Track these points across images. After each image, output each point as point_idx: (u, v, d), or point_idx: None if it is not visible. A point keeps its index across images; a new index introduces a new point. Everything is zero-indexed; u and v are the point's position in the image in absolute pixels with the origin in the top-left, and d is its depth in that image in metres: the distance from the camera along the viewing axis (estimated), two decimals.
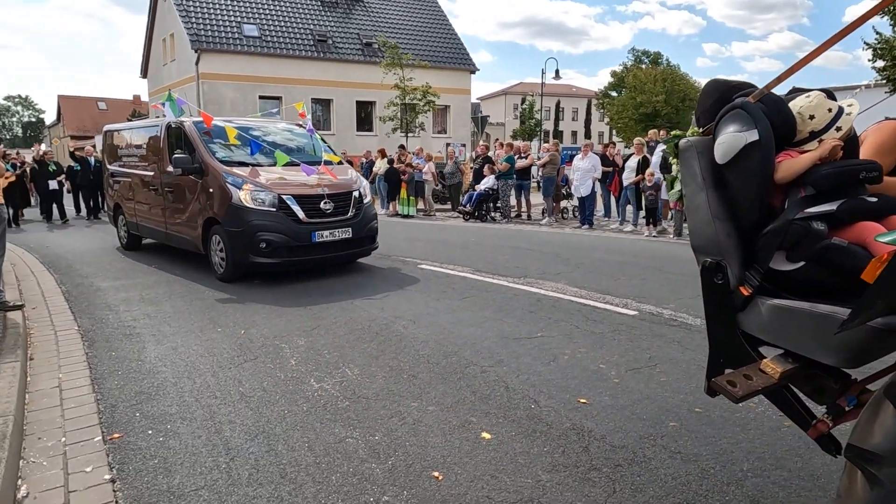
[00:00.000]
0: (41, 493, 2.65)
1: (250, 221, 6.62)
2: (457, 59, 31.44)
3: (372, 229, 7.63)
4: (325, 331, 5.04)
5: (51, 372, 4.14)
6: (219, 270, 7.06)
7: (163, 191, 8.11)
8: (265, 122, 8.86)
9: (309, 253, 6.91)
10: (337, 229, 7.04)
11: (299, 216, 6.78)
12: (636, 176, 11.57)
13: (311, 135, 8.40)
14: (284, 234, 6.67)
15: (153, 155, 8.43)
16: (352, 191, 7.41)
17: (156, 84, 32.25)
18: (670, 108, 44.42)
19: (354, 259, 7.88)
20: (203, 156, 7.25)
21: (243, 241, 6.65)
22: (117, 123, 11.02)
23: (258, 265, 6.74)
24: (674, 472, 2.78)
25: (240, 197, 6.72)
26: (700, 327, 5.06)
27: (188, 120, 7.86)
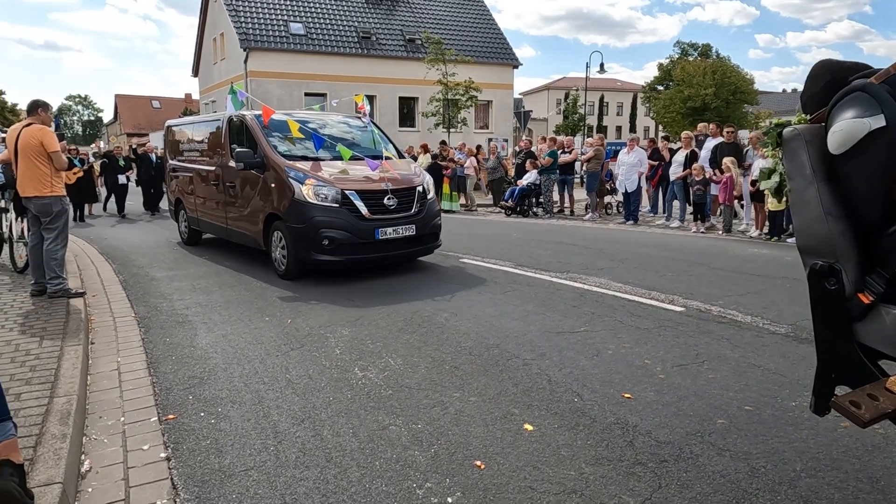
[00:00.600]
0: (103, 468, 2.79)
1: (313, 217, 6.43)
2: (499, 54, 31.25)
3: (435, 226, 7.33)
4: (368, 322, 5.12)
5: (110, 356, 4.35)
6: (280, 268, 6.87)
7: (223, 186, 7.99)
8: (321, 115, 8.53)
9: (372, 251, 6.68)
10: (400, 226, 6.77)
11: (362, 212, 6.55)
12: (683, 170, 11.28)
13: (370, 128, 8.13)
14: (347, 230, 6.46)
15: (214, 149, 8.37)
16: (415, 186, 7.11)
17: (206, 82, 33.25)
18: (720, 102, 43.01)
19: (417, 257, 7.59)
20: (265, 150, 7.08)
21: (306, 238, 6.45)
22: (179, 118, 11.16)
23: (320, 263, 6.54)
24: (722, 470, 2.71)
25: (302, 192, 6.53)
26: (750, 325, 4.92)
27: (250, 113, 7.71)
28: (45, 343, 4.21)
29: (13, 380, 3.49)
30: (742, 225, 11.03)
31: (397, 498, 2.52)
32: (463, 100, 23.12)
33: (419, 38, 27.75)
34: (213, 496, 2.55)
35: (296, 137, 7.18)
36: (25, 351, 4.04)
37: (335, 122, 8.21)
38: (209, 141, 8.59)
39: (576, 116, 40.33)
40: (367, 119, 8.28)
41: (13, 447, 2.28)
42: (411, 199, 6.98)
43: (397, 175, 7.09)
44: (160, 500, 2.53)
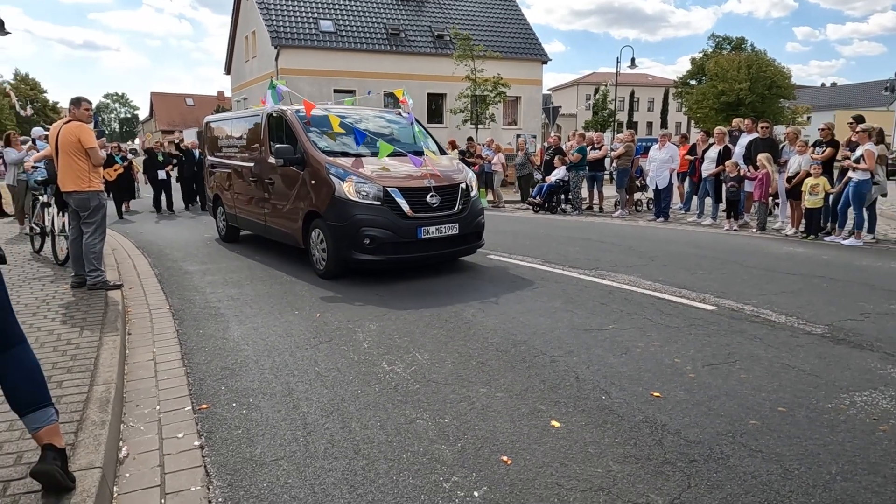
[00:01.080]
0: (139, 455, 2.88)
1: (354, 215, 6.24)
2: (528, 49, 31.03)
3: (479, 225, 7.06)
4: (395, 316, 5.16)
5: (146, 346, 4.47)
6: (319, 267, 6.71)
7: (262, 182, 7.83)
8: (358, 110, 8.28)
9: (414, 250, 6.45)
10: (443, 225, 6.52)
11: (405, 210, 6.33)
12: (716, 167, 11.05)
13: (411, 123, 7.83)
14: (389, 229, 6.24)
15: (253, 145, 8.25)
16: (459, 183, 6.85)
17: (238, 80, 33.80)
18: (755, 97, 41.96)
19: (459, 257, 7.36)
20: (305, 146, 6.89)
21: (346, 236, 6.27)
22: (217, 114, 11.08)
23: (361, 262, 6.35)
24: (754, 471, 2.66)
25: (343, 189, 6.33)
26: (785, 324, 4.81)
27: (289, 108, 7.55)
28: (84, 333, 4.35)
29: (55, 368, 3.62)
30: (777, 223, 10.76)
31: (424, 490, 2.54)
32: (491, 96, 23.03)
33: (448, 34, 27.74)
34: (244, 484, 2.61)
35: (336, 133, 7.01)
36: (66, 340, 4.18)
37: (373, 117, 7.99)
38: (248, 137, 8.51)
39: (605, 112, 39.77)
40: (410, 114, 7.98)
41: (55, 432, 2.37)
42: (454, 197, 6.74)
43: (440, 172, 6.85)
44: (194, 487, 2.60)
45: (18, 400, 2.31)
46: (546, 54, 31.45)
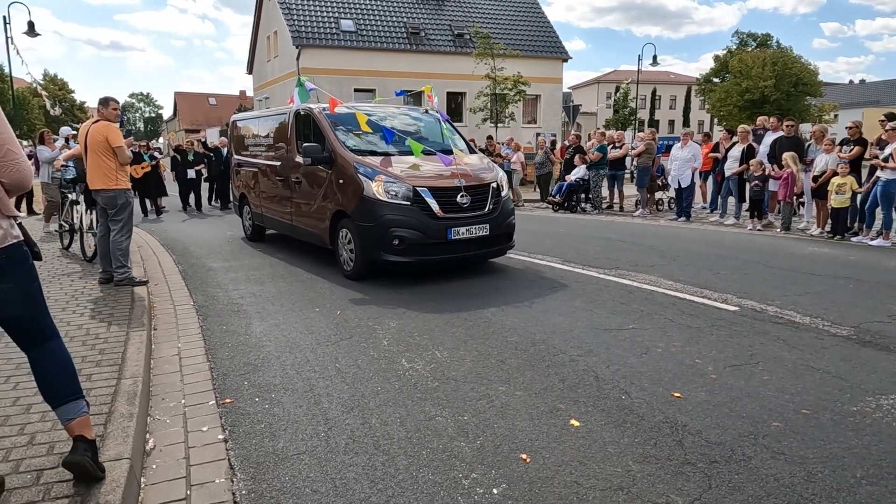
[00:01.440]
0: (166, 447, 2.95)
1: (383, 216, 6.10)
2: (548, 47, 30.88)
3: (510, 226, 6.89)
4: (415, 314, 5.19)
5: (171, 341, 4.57)
6: (347, 268, 6.61)
7: (289, 181, 7.74)
8: (383, 107, 8.05)
9: (443, 251, 6.29)
10: (474, 225, 6.35)
11: (434, 210, 6.16)
12: (740, 165, 10.89)
13: (441, 121, 7.71)
14: (419, 230, 6.09)
15: (280, 144, 8.15)
16: (489, 182, 6.68)
17: (260, 79, 34.17)
18: (780, 94, 41.18)
19: (489, 258, 7.20)
20: (333, 144, 6.77)
21: (375, 237, 6.14)
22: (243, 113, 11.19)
23: (390, 263, 6.21)
24: (776, 473, 2.64)
25: (372, 189, 6.19)
26: (809, 326, 4.74)
27: (317, 106, 7.44)
28: (112, 328, 4.45)
29: (84, 361, 3.72)
30: (802, 223, 10.58)
31: (444, 487, 2.57)
32: (511, 94, 22.97)
33: (468, 32, 27.73)
34: (267, 477, 2.66)
35: (364, 132, 6.89)
36: (95, 335, 4.29)
37: (399, 115, 7.85)
38: (274, 135, 8.42)
39: (626, 110, 39.38)
40: (441, 112, 7.87)
41: (86, 424, 2.44)
42: (485, 197, 6.57)
43: (470, 171, 6.70)
44: (218, 479, 2.66)
45: (52, 392, 2.38)
46: (566, 52, 31.27)
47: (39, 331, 2.37)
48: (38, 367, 2.38)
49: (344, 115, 7.13)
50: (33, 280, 2.32)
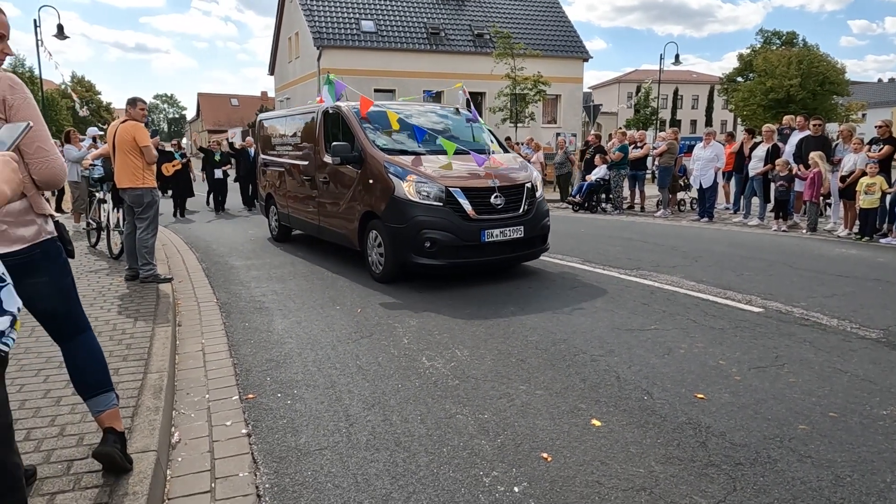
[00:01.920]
0: (191, 441, 3.00)
1: (414, 217, 5.91)
2: (569, 47, 30.71)
3: (545, 227, 6.68)
4: (435, 313, 5.20)
5: (195, 338, 4.64)
6: (376, 270, 6.44)
7: (317, 181, 7.58)
8: (410, 106, 7.80)
9: (477, 254, 6.07)
10: (508, 227, 6.14)
11: (467, 212, 5.96)
12: (764, 165, 10.72)
13: (475, 120, 7.53)
14: (451, 231, 5.88)
15: (308, 143, 7.98)
16: (524, 183, 6.46)
17: (282, 80, 34.52)
18: (806, 93, 40.43)
19: (523, 262, 7.00)
20: (363, 143, 6.59)
21: (406, 239, 5.95)
22: (271, 112, 10.82)
23: (421, 266, 6.02)
24: (803, 476, 2.59)
25: (403, 189, 6.00)
26: (837, 328, 4.65)
27: (346, 105, 7.25)
28: (138, 324, 4.54)
29: (112, 356, 3.79)
30: (829, 224, 10.37)
31: (464, 484, 2.57)
32: (531, 94, 22.88)
33: (488, 32, 27.69)
34: (290, 472, 2.69)
35: (394, 130, 6.75)
36: (122, 330, 4.37)
37: (429, 113, 7.60)
38: (302, 134, 8.25)
39: (648, 110, 38.97)
40: (474, 110, 7.64)
41: (116, 416, 2.49)
42: (520, 198, 6.35)
43: (504, 171, 6.49)
44: (242, 473, 2.70)
45: (84, 383, 2.43)
46: (587, 52, 31.07)
47: (73, 324, 2.42)
48: (71, 359, 2.43)
49: (374, 113, 6.97)
50: (67, 274, 2.38)
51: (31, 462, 2.46)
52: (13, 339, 1.31)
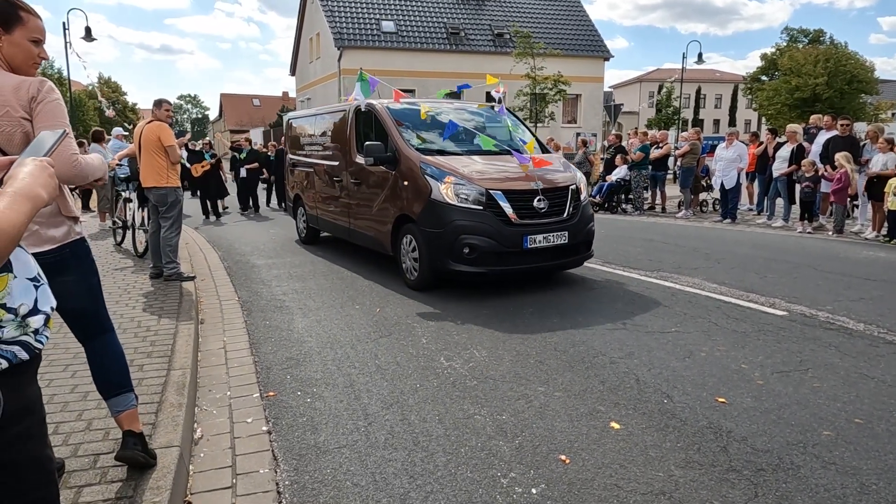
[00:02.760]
0: (213, 437, 3.05)
1: (452, 221, 5.59)
2: (590, 46, 30.51)
3: (589, 233, 6.30)
4: (453, 313, 5.21)
5: (217, 335, 4.71)
6: (410, 277, 6.14)
7: (348, 182, 7.31)
8: (440, 103, 7.38)
9: (518, 261, 5.73)
10: (552, 233, 5.78)
11: (509, 216, 5.62)
12: (789, 166, 10.53)
13: (502, 115, 7.21)
14: (492, 237, 5.56)
15: (338, 143, 7.69)
16: (569, 185, 6.09)
17: (303, 81, 34.84)
18: (833, 92, 39.58)
19: (565, 269, 6.62)
20: (397, 143, 6.30)
21: (443, 245, 5.63)
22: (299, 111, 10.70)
23: (458, 274, 5.70)
24: (826, 483, 2.55)
25: (440, 191, 5.69)
26: (864, 333, 4.56)
27: (379, 102, 6.99)
28: (162, 321, 4.62)
29: (136, 352, 3.87)
30: (856, 226, 10.16)
31: (482, 485, 2.57)
32: (551, 94, 22.79)
33: (508, 32, 27.63)
34: (309, 469, 2.72)
35: (429, 129, 6.48)
36: (146, 327, 4.46)
37: (463, 111, 7.18)
38: (332, 134, 7.95)
39: (670, 110, 38.54)
40: (502, 106, 7.33)
41: (134, 416, 2.52)
42: (563, 201, 5.97)
43: (547, 172, 6.09)
44: (262, 469, 2.73)
45: (108, 383, 2.48)
46: (608, 51, 30.83)
47: (99, 323, 2.48)
48: (95, 359, 2.49)
49: (408, 111, 6.74)
50: (94, 274, 2.44)
51: (59, 455, 2.52)
52: (47, 336, 1.35)
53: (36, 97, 2.15)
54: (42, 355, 1.47)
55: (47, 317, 1.34)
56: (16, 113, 2.12)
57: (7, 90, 2.12)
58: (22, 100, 2.13)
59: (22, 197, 1.14)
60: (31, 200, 1.15)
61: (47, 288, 1.37)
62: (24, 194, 1.14)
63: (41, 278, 1.36)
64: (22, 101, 2.13)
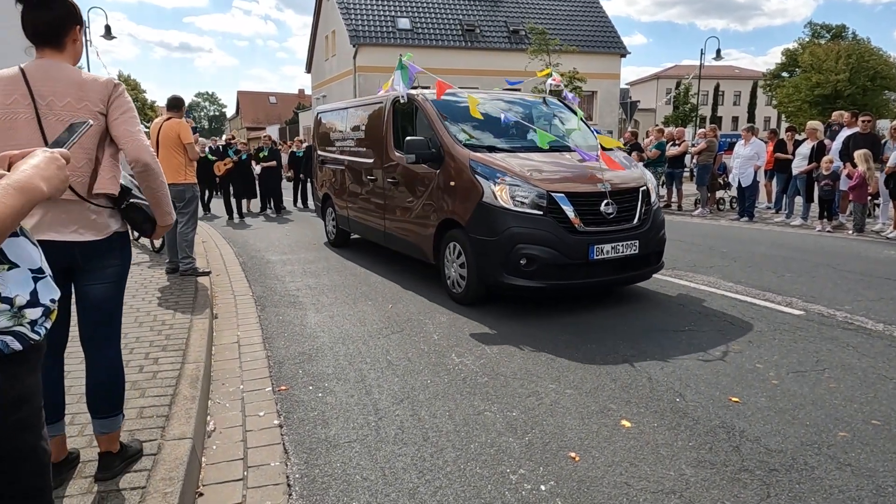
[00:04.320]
0: (225, 430, 3.08)
1: (508, 228, 4.91)
2: (606, 42, 30.27)
3: (661, 241, 5.56)
4: (464, 310, 5.20)
5: (231, 329, 4.75)
6: (456, 290, 5.48)
7: (384, 182, 6.68)
8: (491, 94, 6.72)
9: (583, 275, 5.01)
10: (621, 242, 5.06)
11: (573, 222, 4.93)
12: (809, 164, 10.37)
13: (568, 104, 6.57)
14: (554, 247, 4.85)
15: (373, 138, 7.04)
16: (639, 187, 5.37)
17: (318, 78, 35.00)
18: (855, 89, 38.89)
19: (633, 283, 5.84)
20: (443, 138, 5.64)
21: (496, 255, 4.95)
22: (329, 104, 9.89)
23: (513, 288, 5.02)
24: (841, 485, 2.51)
25: (494, 193, 5.01)
26: (883, 333, 4.48)
27: (420, 93, 6.29)
28: (177, 315, 4.68)
29: (152, 345, 3.93)
30: (877, 224, 9.97)
31: (491, 481, 2.57)
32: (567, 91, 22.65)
33: (523, 28, 27.52)
34: (320, 463, 2.74)
35: (477, 122, 5.75)
36: (162, 321, 4.51)
37: (514, 103, 6.47)
38: (367, 128, 7.30)
39: (687, 107, 38.10)
40: (573, 95, 6.76)
41: (117, 438, 2.44)
42: (634, 205, 5.27)
43: (614, 172, 5.34)
44: (273, 462, 2.76)
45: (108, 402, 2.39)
46: (625, 47, 30.59)
47: (114, 330, 2.45)
48: (95, 375, 2.41)
49: (451, 102, 6.05)
50: (127, 269, 2.49)
51: (74, 446, 2.57)
52: (46, 328, 1.36)
53: (112, 94, 2.30)
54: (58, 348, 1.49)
55: (46, 308, 1.35)
56: (94, 107, 2.26)
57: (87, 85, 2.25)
58: (101, 93, 2.27)
59: (14, 189, 1.11)
60: (25, 193, 1.12)
61: (50, 281, 1.37)
62: (17, 187, 1.12)
63: (45, 271, 1.37)
64: (101, 94, 2.27)
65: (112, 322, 2.45)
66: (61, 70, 2.24)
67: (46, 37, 2.24)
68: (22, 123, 2.18)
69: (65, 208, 2.22)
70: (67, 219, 2.24)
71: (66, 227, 2.23)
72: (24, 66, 2.22)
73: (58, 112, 2.20)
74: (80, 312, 2.41)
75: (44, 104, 2.19)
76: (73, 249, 2.25)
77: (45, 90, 2.19)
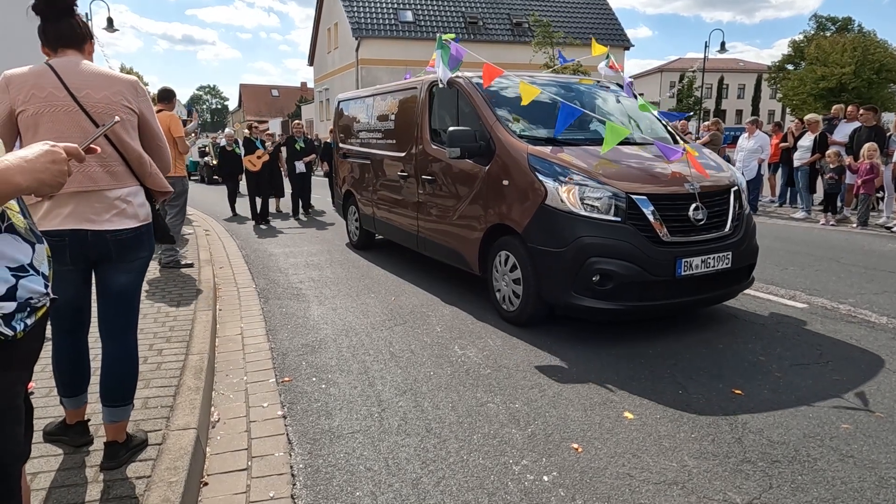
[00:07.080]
0: (229, 420, 3.10)
1: (578, 238, 4.06)
2: (610, 35, 30.12)
3: (754, 253, 4.67)
4: (468, 302, 5.21)
5: (234, 322, 4.77)
6: (507, 307, 4.68)
7: (418, 179, 5.85)
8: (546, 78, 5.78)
9: (668, 294, 4.17)
10: (712, 254, 4.20)
11: (657, 231, 4.08)
12: (811, 156, 10.32)
13: (629, 95, 5.77)
14: (635, 261, 3.98)
15: (405, 129, 6.21)
16: (730, 187, 4.55)
17: (320, 71, 34.92)
18: (860, 81, 38.65)
19: (720, 303, 4.84)
20: (493, 129, 4.80)
21: (563, 270, 4.11)
22: (353, 91, 8.90)
23: (584, 310, 4.15)
24: (843, 476, 2.52)
25: (559, 195, 4.17)
26: (886, 326, 4.47)
27: (464, 77, 5.33)
28: (181, 308, 4.69)
29: (157, 337, 3.94)
30: (881, 218, 9.93)
31: (494, 471, 2.58)
32: None
33: (526, 21, 27.38)
34: (323, 453, 2.76)
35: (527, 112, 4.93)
36: (166, 313, 4.53)
37: (570, 88, 5.50)
38: (397, 118, 6.44)
39: (691, 100, 37.95)
40: (628, 82, 5.92)
41: (124, 427, 2.47)
42: (725, 209, 4.43)
43: (701, 171, 4.43)
44: (277, 453, 2.77)
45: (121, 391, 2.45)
46: (628, 40, 30.45)
47: (134, 319, 2.49)
48: (112, 364, 2.45)
49: (499, 88, 5.20)
50: (148, 261, 2.52)
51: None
52: (26, 323, 1.32)
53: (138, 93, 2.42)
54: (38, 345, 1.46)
55: (24, 305, 1.31)
56: (128, 104, 2.36)
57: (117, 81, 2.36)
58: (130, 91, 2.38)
59: None
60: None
61: (37, 278, 1.34)
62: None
63: (30, 269, 1.33)
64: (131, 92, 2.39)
65: (132, 311, 2.50)
66: (89, 66, 2.34)
67: (70, 39, 2.33)
68: (62, 115, 2.23)
69: (96, 198, 2.29)
70: (101, 208, 2.30)
71: (99, 215, 2.29)
72: (50, 62, 2.29)
73: (95, 104, 2.28)
74: (102, 301, 2.43)
75: (81, 95, 2.26)
76: (107, 239, 2.30)
77: (78, 83, 2.26)
